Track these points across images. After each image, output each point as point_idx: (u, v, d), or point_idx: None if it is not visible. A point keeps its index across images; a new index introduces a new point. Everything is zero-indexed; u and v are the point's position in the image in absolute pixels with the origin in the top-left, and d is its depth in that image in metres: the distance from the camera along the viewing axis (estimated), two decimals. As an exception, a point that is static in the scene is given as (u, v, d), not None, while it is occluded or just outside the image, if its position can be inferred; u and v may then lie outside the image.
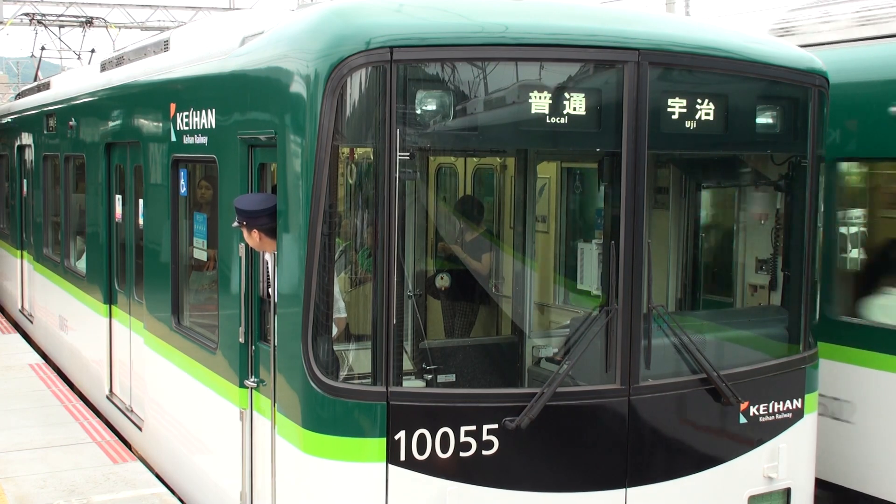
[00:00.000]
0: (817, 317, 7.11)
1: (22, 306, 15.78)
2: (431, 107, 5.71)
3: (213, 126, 7.19)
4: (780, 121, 6.81)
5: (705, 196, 7.96)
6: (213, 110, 7.20)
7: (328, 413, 5.79)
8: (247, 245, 6.60)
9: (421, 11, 5.95)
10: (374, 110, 5.61)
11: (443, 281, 9.18)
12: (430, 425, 5.76)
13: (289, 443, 6.05)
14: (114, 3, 38.30)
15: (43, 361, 12.71)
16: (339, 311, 6.28)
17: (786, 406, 6.82)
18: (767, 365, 6.83)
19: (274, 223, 6.16)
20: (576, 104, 5.95)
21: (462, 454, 5.82)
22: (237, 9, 40.40)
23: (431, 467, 5.78)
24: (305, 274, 5.75)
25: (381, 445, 5.70)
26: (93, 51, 21.39)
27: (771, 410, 6.75)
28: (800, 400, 6.90)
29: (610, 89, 6.06)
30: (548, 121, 5.91)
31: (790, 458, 6.83)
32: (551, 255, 9.48)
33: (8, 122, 17.31)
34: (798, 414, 6.90)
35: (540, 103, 5.87)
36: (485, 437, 5.86)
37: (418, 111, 5.70)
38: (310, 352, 5.76)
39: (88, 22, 22.97)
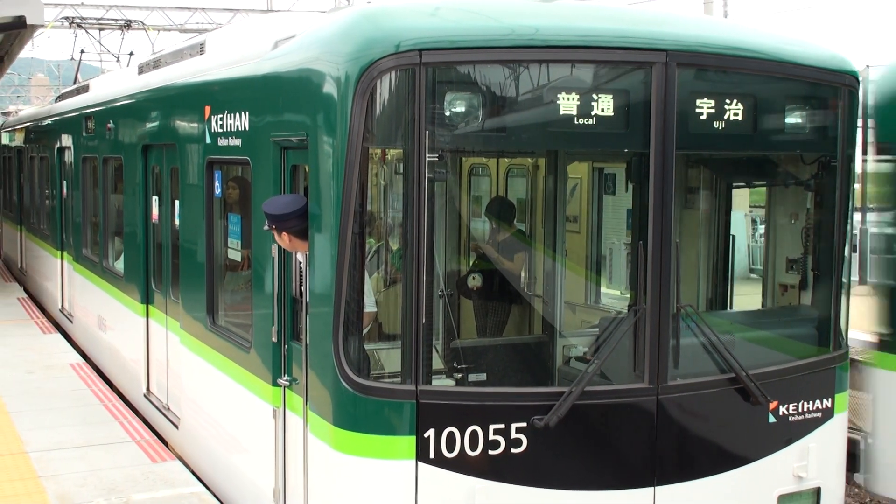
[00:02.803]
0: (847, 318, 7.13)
1: (62, 306, 16.01)
2: (460, 109, 5.78)
3: (247, 128, 7.30)
4: (810, 121, 6.82)
5: (736, 195, 7.96)
6: (247, 113, 7.31)
7: (359, 411, 5.87)
8: (279, 245, 6.70)
9: (450, 14, 6.02)
10: (404, 112, 5.69)
11: (475, 281, 9.24)
12: (460, 423, 5.83)
13: (320, 440, 6.14)
14: (153, 6, 38.69)
15: (83, 361, 12.76)
16: (369, 306, 6.36)
17: (815, 406, 6.82)
18: (797, 365, 6.84)
19: (303, 225, 6.25)
20: (604, 105, 6.00)
21: (491, 452, 5.89)
22: (275, 11, 40.70)
23: (460, 465, 5.85)
24: (336, 274, 5.83)
25: (410, 443, 5.78)
26: (131, 53, 21.68)
27: (800, 410, 6.76)
28: (829, 400, 6.90)
29: (638, 90, 6.10)
30: (576, 122, 5.96)
31: (820, 457, 6.84)
32: (583, 254, 9.52)
33: (48, 124, 17.57)
34: (828, 414, 6.90)
35: (568, 104, 5.93)
36: (513, 435, 5.92)
37: (447, 113, 5.78)
38: (341, 351, 5.85)
39: (127, 25, 23.24)
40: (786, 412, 6.69)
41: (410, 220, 5.72)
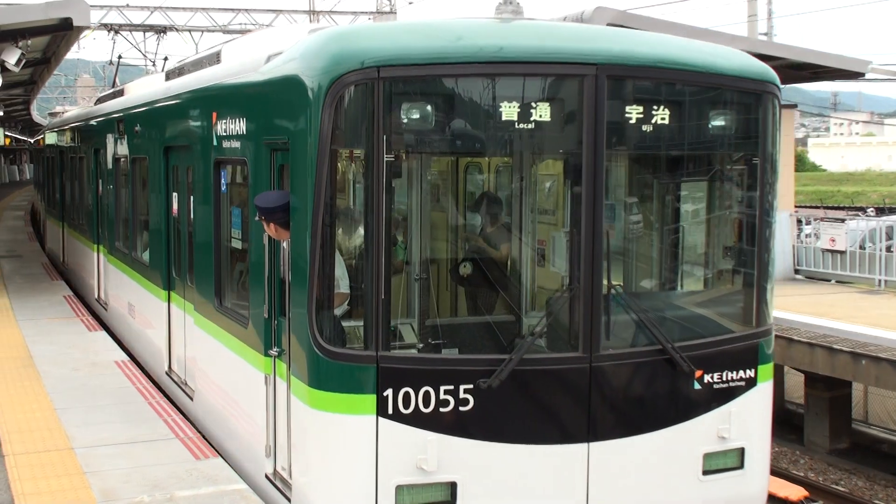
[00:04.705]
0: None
1: (98, 295, 17.19)
2: (413, 116, 6.79)
3: (244, 132, 8.36)
4: (733, 123, 7.73)
5: (678, 190, 8.85)
6: (244, 118, 8.36)
7: (329, 373, 6.90)
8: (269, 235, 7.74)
9: (406, 36, 7.03)
10: (365, 119, 6.71)
11: (465, 269, 10.21)
12: (414, 384, 6.84)
13: (299, 400, 7.17)
14: (196, 7, 39.93)
15: (128, 359, 12.97)
16: (343, 287, 7.38)
17: (738, 375, 7.72)
18: (721, 338, 7.77)
19: (287, 217, 7.29)
20: (542, 112, 6.98)
21: (442, 409, 6.88)
22: (317, 12, 41.73)
23: (415, 420, 6.85)
24: (310, 258, 6.86)
25: (371, 401, 6.80)
26: (166, 58, 22.88)
27: (724, 378, 7.66)
28: (752, 370, 7.80)
29: (572, 99, 7.08)
30: (516, 127, 6.95)
31: (742, 421, 7.74)
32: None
33: (85, 126, 18.80)
34: (751, 382, 7.80)
35: (509, 112, 6.91)
36: (461, 395, 6.91)
37: (404, 120, 6.79)
38: (314, 322, 6.88)
39: (163, 31, 24.45)
40: (710, 380, 7.60)
41: (371, 212, 6.73)
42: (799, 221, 23.30)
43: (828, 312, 17.43)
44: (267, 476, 7.99)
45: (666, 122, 7.33)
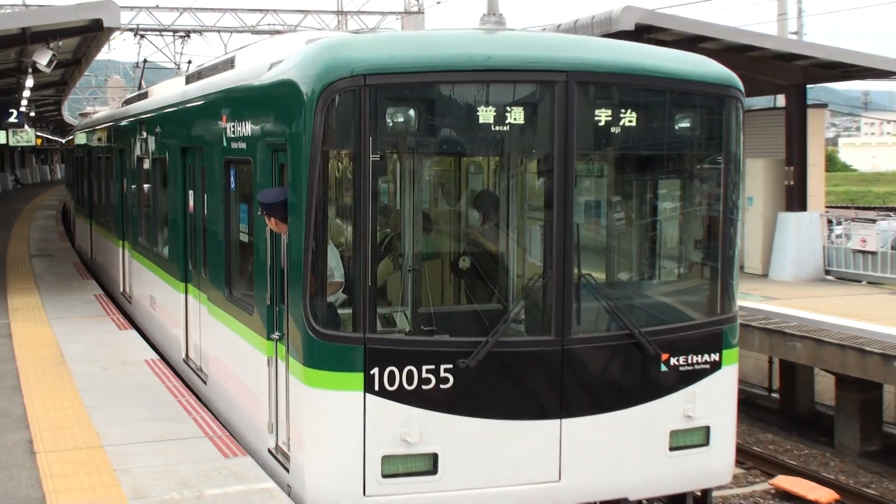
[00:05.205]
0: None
1: (123, 289, 17.98)
2: (397, 119, 7.47)
3: (249, 134, 9.05)
4: (697, 126, 8.35)
5: (652, 188, 9.46)
6: (250, 121, 9.06)
7: (320, 353, 7.58)
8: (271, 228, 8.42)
9: (393, 46, 7.73)
10: (353, 122, 7.39)
11: (464, 263, 10.86)
12: (398, 364, 7.51)
13: (296, 378, 7.86)
14: (225, 8, 40.73)
15: (158, 357, 13.09)
16: (338, 276, 8.06)
17: (703, 359, 8.33)
18: (686, 324, 8.39)
19: (286, 212, 7.98)
20: (516, 116, 7.63)
21: (424, 387, 7.55)
22: (345, 12, 42.42)
23: (399, 396, 7.53)
24: (304, 249, 7.55)
25: (359, 378, 7.48)
26: (189, 62, 23.68)
27: (689, 362, 8.27)
28: (717, 354, 8.41)
29: (545, 103, 7.73)
30: (493, 129, 7.61)
31: (707, 402, 8.35)
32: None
33: (111, 127, 19.61)
34: (716, 366, 8.41)
35: (486, 115, 7.57)
36: (442, 374, 7.58)
37: (389, 123, 7.46)
38: (307, 308, 7.56)
39: (186, 34, 25.26)
40: (676, 363, 8.21)
41: (359, 207, 7.40)
42: (829, 222, 22.90)
43: (859, 314, 17.17)
44: (269, 451, 8.68)
45: (633, 124, 7.96)
